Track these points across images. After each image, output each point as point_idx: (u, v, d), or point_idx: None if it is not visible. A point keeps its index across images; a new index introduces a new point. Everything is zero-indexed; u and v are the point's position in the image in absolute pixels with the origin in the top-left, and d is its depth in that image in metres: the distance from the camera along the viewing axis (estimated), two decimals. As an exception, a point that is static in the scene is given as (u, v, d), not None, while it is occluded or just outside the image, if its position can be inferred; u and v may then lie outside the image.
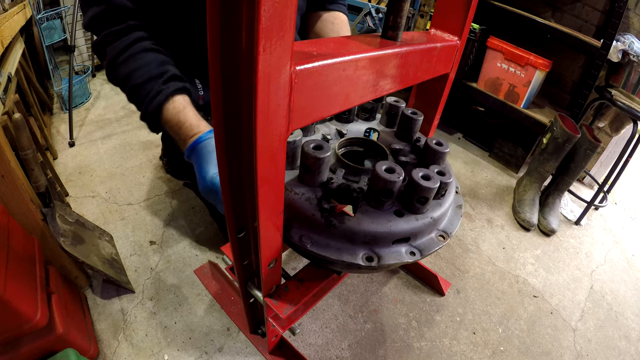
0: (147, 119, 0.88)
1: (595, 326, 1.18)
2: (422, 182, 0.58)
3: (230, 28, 0.38)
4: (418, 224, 0.61)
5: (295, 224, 0.61)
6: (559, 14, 1.84)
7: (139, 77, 0.85)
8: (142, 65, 0.85)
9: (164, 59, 0.89)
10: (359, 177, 0.66)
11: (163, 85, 0.85)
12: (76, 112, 1.86)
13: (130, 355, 0.89)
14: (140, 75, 0.85)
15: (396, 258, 0.59)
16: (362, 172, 0.67)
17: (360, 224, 0.57)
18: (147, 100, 0.85)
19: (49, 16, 1.79)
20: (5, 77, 1.21)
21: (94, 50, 0.93)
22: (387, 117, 0.84)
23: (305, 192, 0.60)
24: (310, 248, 0.58)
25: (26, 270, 0.73)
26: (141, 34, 0.88)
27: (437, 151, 0.69)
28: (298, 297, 0.65)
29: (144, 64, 0.86)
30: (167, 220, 1.29)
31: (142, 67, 0.85)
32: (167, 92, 0.84)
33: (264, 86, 0.37)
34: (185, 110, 0.85)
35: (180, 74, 0.90)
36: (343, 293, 1.13)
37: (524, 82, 1.70)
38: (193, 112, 0.86)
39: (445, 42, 0.72)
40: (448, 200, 0.68)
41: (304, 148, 0.58)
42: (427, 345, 1.02)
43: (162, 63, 0.88)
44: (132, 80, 0.85)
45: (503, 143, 1.95)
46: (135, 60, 0.86)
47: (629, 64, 1.47)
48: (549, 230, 1.52)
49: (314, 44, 0.49)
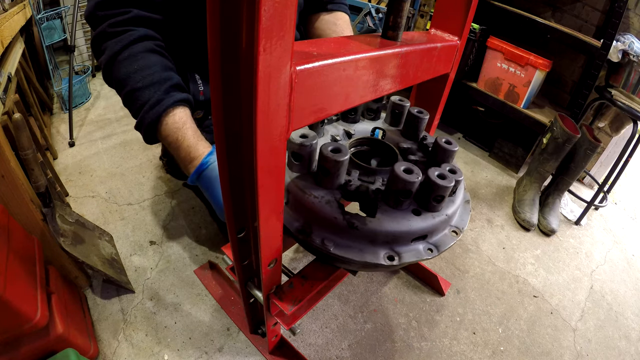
0: (143, 130, 0.82)
1: (595, 326, 1.18)
2: (439, 181, 0.59)
3: (230, 28, 0.38)
4: (435, 222, 0.62)
5: (316, 227, 0.61)
6: (559, 14, 1.84)
7: (139, 80, 0.78)
8: (144, 68, 0.79)
9: (167, 64, 0.83)
10: (374, 178, 0.67)
11: (164, 94, 0.79)
12: (76, 112, 1.86)
13: (130, 355, 0.89)
14: (141, 79, 0.78)
15: (415, 256, 0.60)
16: (376, 172, 0.68)
17: (382, 224, 0.58)
18: (144, 109, 0.79)
19: (49, 16, 1.79)
20: (5, 77, 1.21)
21: (93, 44, 0.84)
22: (392, 116, 0.84)
23: (325, 195, 0.60)
24: (334, 251, 0.58)
25: (26, 270, 0.73)
26: (145, 32, 0.82)
27: (447, 150, 0.70)
28: (303, 293, 0.66)
29: (145, 66, 0.79)
30: (167, 220, 1.29)
31: (144, 69, 0.79)
32: (168, 103, 0.78)
33: (264, 86, 0.37)
34: (184, 128, 0.80)
35: (182, 83, 0.84)
36: (343, 293, 1.13)
37: (524, 82, 1.70)
38: (192, 130, 0.81)
39: (445, 42, 0.72)
40: (459, 197, 0.69)
41: (323, 151, 0.58)
42: (427, 345, 1.02)
43: (164, 68, 0.82)
44: (130, 82, 0.78)
45: (503, 143, 1.95)
46: (136, 61, 0.79)
47: (629, 64, 1.47)
48: (549, 230, 1.52)
49: (314, 44, 0.49)
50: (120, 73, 0.80)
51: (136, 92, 0.79)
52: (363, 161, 0.72)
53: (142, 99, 0.79)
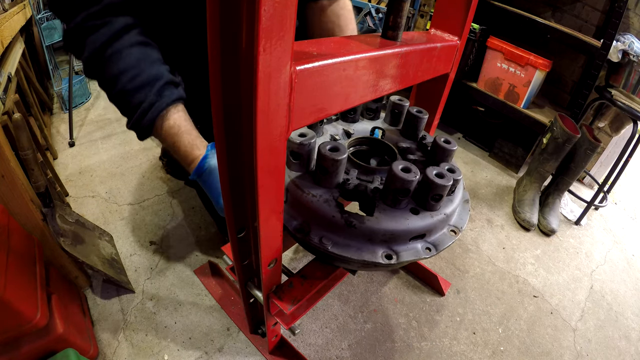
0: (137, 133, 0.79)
1: (595, 326, 1.18)
2: (437, 180, 0.59)
3: (230, 28, 0.38)
4: (433, 221, 0.62)
5: (314, 226, 0.61)
6: (559, 14, 1.84)
7: (127, 81, 0.74)
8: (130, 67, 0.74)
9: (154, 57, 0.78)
10: (372, 177, 0.67)
11: (156, 96, 0.75)
12: (76, 112, 1.86)
13: (130, 355, 0.89)
14: (129, 80, 0.74)
15: (414, 255, 0.61)
16: (375, 171, 0.68)
17: (380, 223, 0.58)
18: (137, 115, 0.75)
19: (49, 16, 1.79)
20: (5, 77, 1.21)
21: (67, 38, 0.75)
22: (392, 116, 0.84)
23: (323, 194, 0.61)
24: (332, 249, 0.59)
25: (26, 270, 0.73)
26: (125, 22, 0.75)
27: (445, 149, 0.70)
28: (302, 293, 0.66)
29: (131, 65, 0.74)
30: (167, 220, 1.29)
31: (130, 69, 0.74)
32: (161, 106, 0.75)
33: (264, 86, 0.37)
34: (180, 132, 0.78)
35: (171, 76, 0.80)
36: (343, 293, 1.13)
37: (524, 82, 1.70)
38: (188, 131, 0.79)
39: (445, 42, 0.72)
40: (458, 196, 0.69)
41: (321, 150, 0.58)
42: (427, 345, 1.02)
43: (152, 62, 0.77)
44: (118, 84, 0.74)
45: (503, 143, 1.95)
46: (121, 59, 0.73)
47: (629, 64, 1.47)
48: (549, 230, 1.52)
49: (314, 44, 0.49)
50: (106, 73, 0.75)
51: (126, 96, 0.75)
52: (362, 161, 0.72)
53: (133, 102, 0.75)
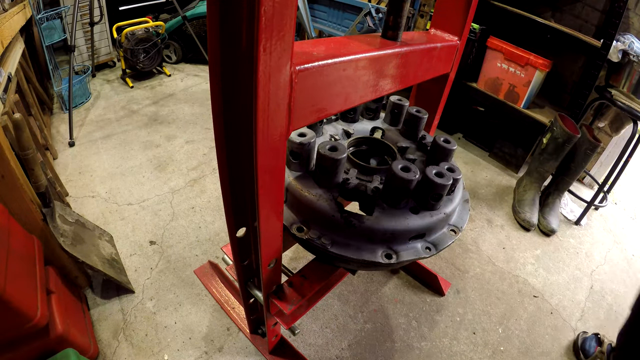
0: None
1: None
2: (436, 179, 0.59)
3: (230, 28, 0.38)
4: (433, 220, 0.62)
5: (313, 225, 0.61)
6: (559, 14, 1.84)
7: None
8: None
9: None
10: (372, 177, 0.67)
11: None
12: (76, 112, 1.86)
13: (130, 355, 0.89)
14: None
15: (413, 254, 0.61)
16: (374, 171, 0.68)
17: (380, 222, 0.58)
18: None
19: (49, 16, 1.79)
20: (5, 77, 1.21)
21: None
22: (391, 116, 0.84)
23: (323, 194, 0.61)
24: (331, 249, 0.59)
25: (26, 270, 0.73)
26: None
27: (445, 148, 0.70)
28: (302, 293, 0.66)
29: None
30: (167, 220, 1.29)
31: None
32: None
33: (264, 86, 0.37)
34: None
35: None
36: (343, 293, 1.13)
37: (524, 82, 1.70)
38: None
39: (445, 42, 0.72)
40: (458, 196, 0.69)
41: (320, 150, 0.58)
42: (427, 345, 1.02)
43: None
44: None
45: (503, 143, 1.95)
46: None
47: (629, 64, 1.47)
48: (549, 230, 1.52)
49: (314, 44, 0.49)
50: None
51: None
52: (362, 160, 0.72)
53: None
